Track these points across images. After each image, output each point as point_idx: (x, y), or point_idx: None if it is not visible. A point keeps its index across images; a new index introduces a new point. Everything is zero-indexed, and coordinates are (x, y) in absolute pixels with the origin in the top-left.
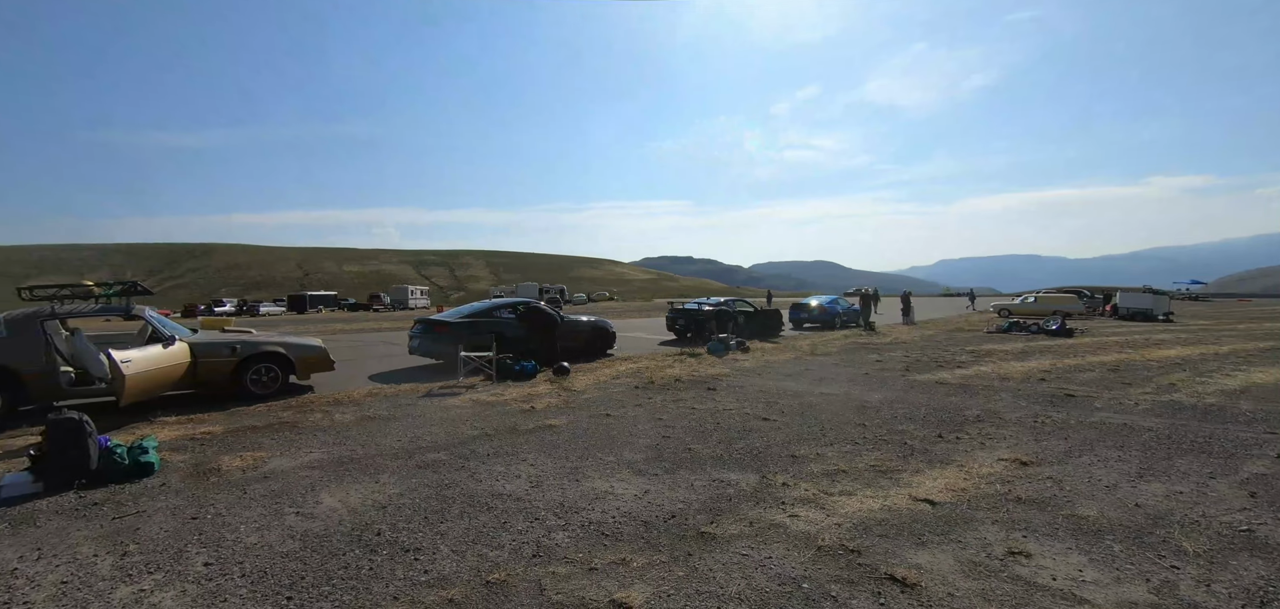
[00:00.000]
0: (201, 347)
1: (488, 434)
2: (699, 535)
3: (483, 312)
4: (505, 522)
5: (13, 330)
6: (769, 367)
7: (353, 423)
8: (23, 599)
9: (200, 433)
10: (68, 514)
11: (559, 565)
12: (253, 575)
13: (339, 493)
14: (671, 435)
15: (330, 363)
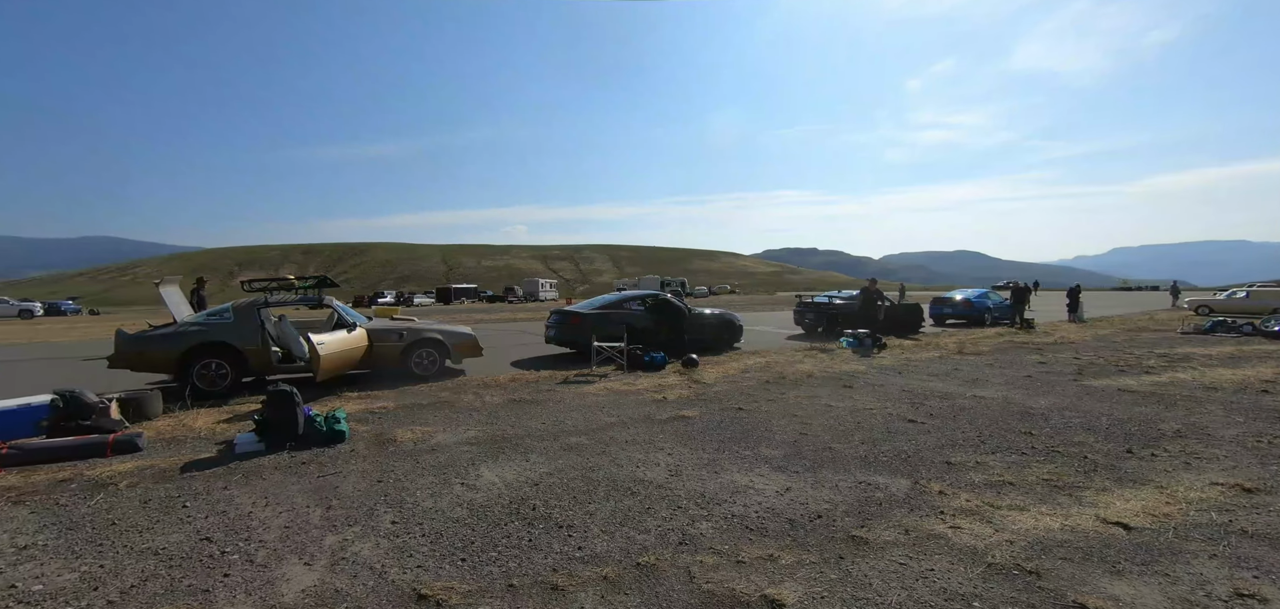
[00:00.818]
0: (376, 333)
1: (624, 422)
2: (850, 539)
3: (613, 304)
4: (649, 508)
5: (238, 317)
6: (911, 365)
7: (501, 405)
8: (259, 537)
9: (376, 407)
10: (284, 469)
11: (706, 555)
12: (432, 536)
13: (496, 468)
14: (809, 433)
15: (479, 349)
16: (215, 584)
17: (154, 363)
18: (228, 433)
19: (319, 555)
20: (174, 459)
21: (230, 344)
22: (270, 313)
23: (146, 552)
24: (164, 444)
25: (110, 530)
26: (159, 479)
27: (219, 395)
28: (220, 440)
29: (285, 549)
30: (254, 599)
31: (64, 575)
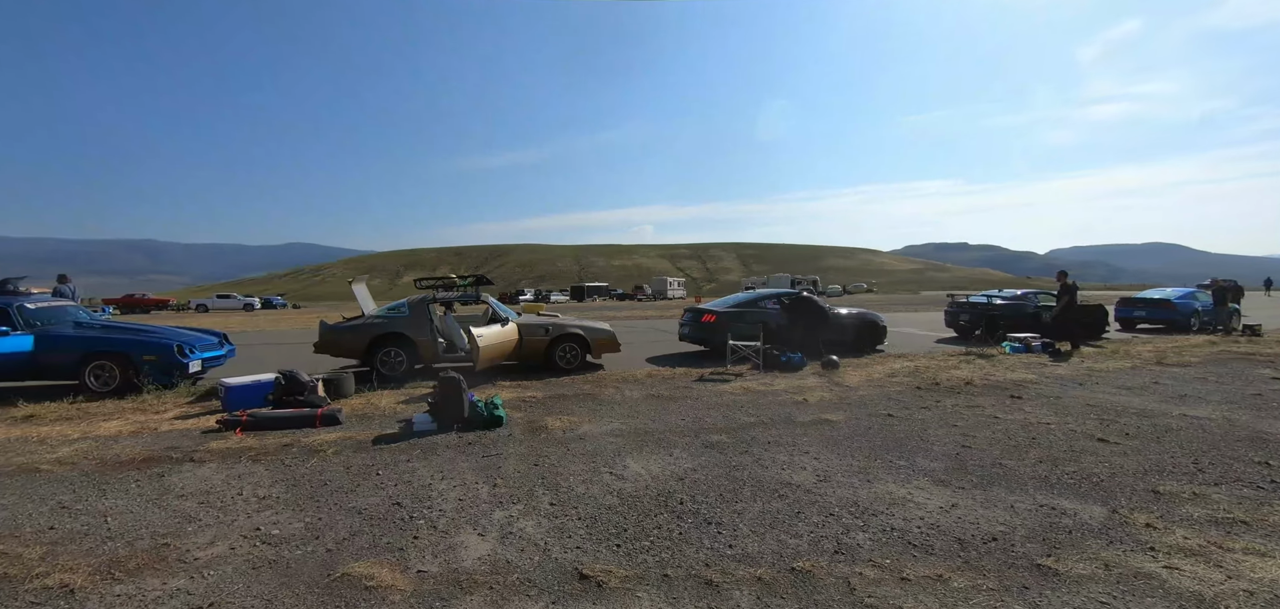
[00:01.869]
0: (525, 327)
1: (764, 422)
2: (1034, 567)
3: (748, 302)
4: (799, 512)
5: (412, 311)
6: (1095, 375)
7: (641, 399)
8: (439, 507)
9: (527, 396)
10: (454, 448)
11: (865, 567)
12: (587, 519)
13: (640, 461)
14: (973, 446)
15: (617, 345)
16: (407, 544)
17: (347, 349)
18: (406, 412)
19: (490, 528)
20: (366, 433)
21: (406, 335)
22: (436, 308)
23: (351, 510)
24: (358, 419)
25: (323, 489)
26: (357, 449)
27: (397, 380)
28: (401, 419)
29: (461, 519)
30: (439, 561)
31: (293, 524)
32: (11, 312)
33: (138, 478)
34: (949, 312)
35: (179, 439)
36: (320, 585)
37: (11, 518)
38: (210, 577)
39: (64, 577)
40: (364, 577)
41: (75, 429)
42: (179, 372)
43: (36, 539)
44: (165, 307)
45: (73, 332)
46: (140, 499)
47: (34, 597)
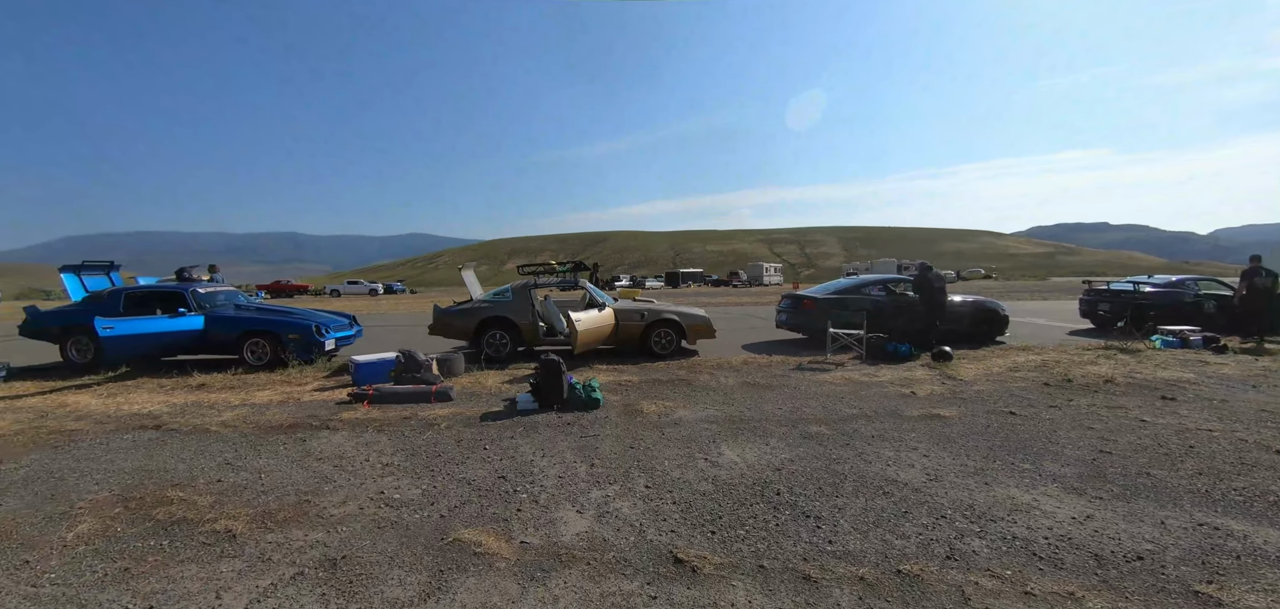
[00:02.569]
0: (621, 312)
1: (867, 415)
2: (1191, 594)
3: (851, 288)
4: (905, 512)
5: (515, 296)
6: (1273, 376)
7: (736, 387)
8: (541, 483)
9: (623, 380)
10: (554, 427)
11: (981, 576)
12: (682, 504)
13: (736, 448)
14: (1113, 452)
15: (713, 331)
16: (511, 515)
17: (457, 332)
18: (510, 392)
19: (588, 506)
20: (474, 409)
21: (510, 319)
22: (537, 293)
23: (462, 481)
24: (467, 396)
25: (437, 460)
26: (466, 424)
27: (501, 361)
28: (505, 398)
29: (561, 496)
30: (541, 534)
31: (412, 490)
32: (187, 295)
33: (285, 441)
34: (1085, 300)
35: (317, 409)
36: (435, 547)
37: (188, 470)
38: (342, 532)
39: (228, 523)
40: (473, 543)
41: (236, 397)
42: (317, 349)
43: (207, 490)
44: (305, 291)
45: (234, 312)
46: (287, 460)
47: (205, 538)
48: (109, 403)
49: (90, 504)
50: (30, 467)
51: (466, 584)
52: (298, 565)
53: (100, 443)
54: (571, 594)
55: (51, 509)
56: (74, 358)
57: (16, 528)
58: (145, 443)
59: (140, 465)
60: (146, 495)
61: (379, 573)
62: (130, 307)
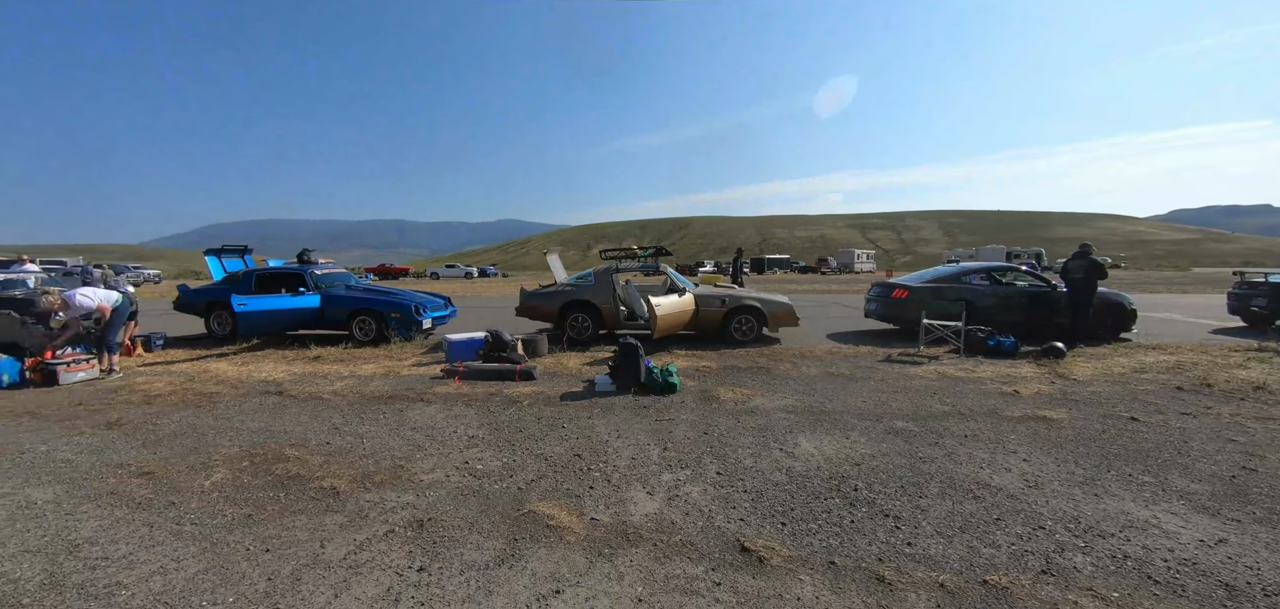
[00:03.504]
0: (701, 298)
1: (961, 413)
2: None
3: (950, 277)
4: (997, 519)
5: (597, 280)
6: None
7: (818, 376)
8: (614, 463)
9: (701, 366)
10: (630, 410)
11: (1083, 596)
12: (753, 493)
13: (814, 440)
14: (1260, 470)
15: (795, 319)
16: (584, 492)
17: (541, 314)
18: (589, 374)
19: (658, 489)
20: (555, 389)
21: (591, 302)
22: (619, 277)
23: (540, 456)
24: (548, 376)
25: (518, 435)
26: (547, 403)
27: (583, 343)
28: (585, 379)
29: (633, 477)
30: (611, 512)
31: (494, 462)
32: (307, 276)
33: (384, 411)
34: (1235, 294)
35: (414, 382)
36: (511, 517)
37: (304, 432)
38: (430, 496)
39: (333, 481)
40: (546, 515)
41: (345, 369)
42: (415, 327)
43: (318, 450)
44: (406, 274)
45: (345, 292)
46: (385, 428)
47: (314, 493)
48: (242, 370)
49: (224, 457)
50: (179, 422)
51: (538, 554)
52: (390, 524)
53: (234, 404)
54: (636, 573)
55: (194, 459)
56: (216, 330)
57: (167, 473)
58: (269, 406)
59: (264, 426)
60: (269, 452)
61: (459, 536)
62: (260, 286)
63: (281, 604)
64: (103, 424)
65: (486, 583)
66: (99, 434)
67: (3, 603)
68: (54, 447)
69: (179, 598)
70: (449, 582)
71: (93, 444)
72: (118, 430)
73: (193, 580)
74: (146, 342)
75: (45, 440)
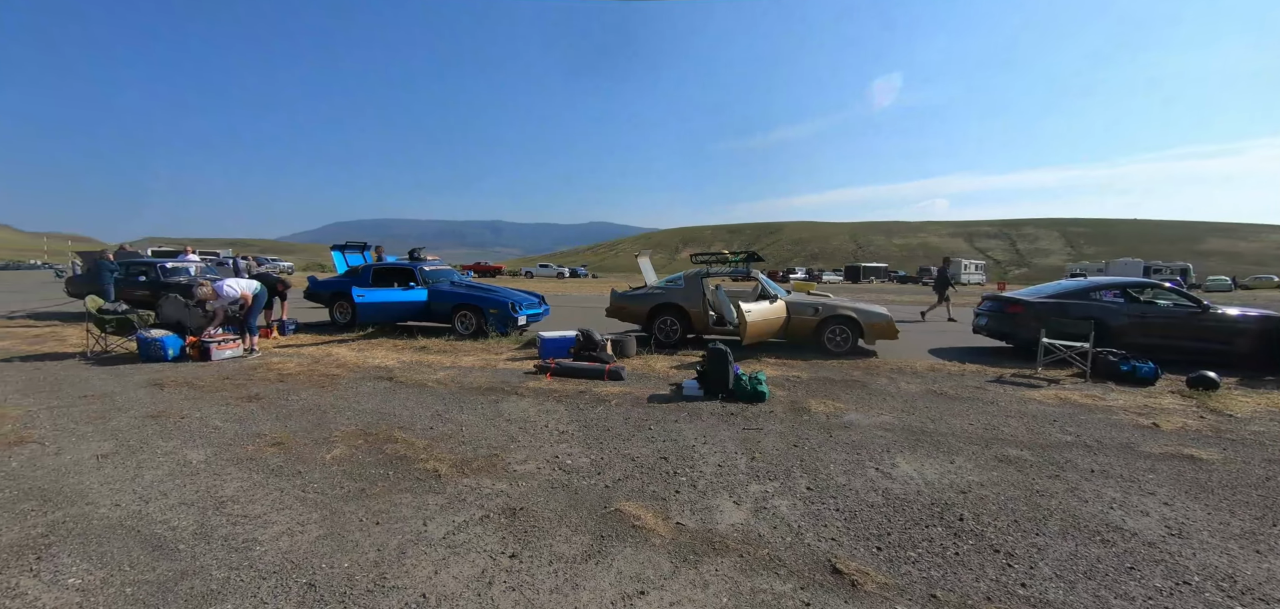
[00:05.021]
0: (793, 306)
1: (1087, 445)
2: None
3: (1075, 292)
4: (1131, 567)
5: (687, 284)
6: None
7: (919, 394)
8: (700, 468)
9: (791, 375)
10: (717, 416)
11: None
12: (845, 512)
13: (913, 462)
14: None
15: (895, 331)
16: (670, 496)
17: (631, 315)
18: (677, 377)
19: (745, 499)
20: (643, 390)
21: (681, 306)
22: (709, 282)
23: (626, 456)
24: (636, 378)
25: (606, 434)
26: (634, 404)
27: (671, 346)
28: (672, 382)
29: (719, 484)
30: (696, 519)
31: (583, 458)
32: (417, 271)
33: (482, 401)
34: None
35: (509, 376)
36: (598, 513)
37: (410, 416)
38: (522, 486)
39: (435, 464)
40: (632, 515)
41: (447, 359)
42: (512, 324)
43: (422, 434)
44: (499, 272)
45: (449, 288)
46: (482, 418)
47: (418, 474)
48: (359, 356)
49: (342, 434)
50: (306, 399)
51: (623, 553)
52: (485, 509)
53: (351, 387)
54: (721, 582)
55: (317, 434)
56: (338, 318)
57: (295, 445)
58: (381, 391)
59: (377, 408)
60: (380, 433)
61: (549, 528)
62: (377, 280)
63: (388, 574)
64: (244, 397)
65: (574, 576)
66: (241, 406)
67: (163, 546)
68: (207, 414)
69: (303, 558)
70: (539, 571)
71: (236, 414)
72: (256, 404)
73: (314, 544)
74: (280, 326)
75: (199, 408)
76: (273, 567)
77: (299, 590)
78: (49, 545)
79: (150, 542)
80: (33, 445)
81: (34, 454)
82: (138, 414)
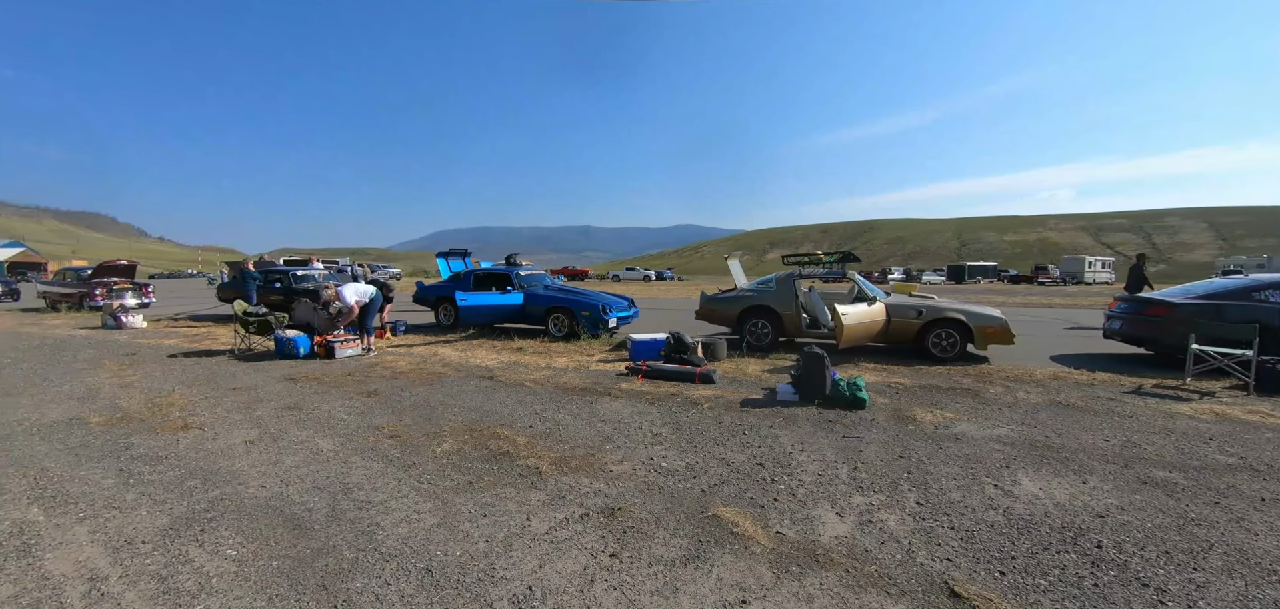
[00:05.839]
0: (894, 308)
1: (1254, 469)
2: None
3: (1232, 292)
4: None
5: (779, 286)
6: None
7: (1041, 406)
8: (798, 477)
9: (893, 382)
10: (814, 422)
11: None
12: (962, 532)
13: (1038, 480)
14: None
15: (1010, 336)
16: (768, 504)
17: (721, 318)
18: (770, 381)
19: (848, 511)
20: (735, 394)
21: (772, 308)
22: (801, 283)
23: (721, 461)
24: (728, 381)
25: (700, 438)
26: (727, 408)
27: (763, 349)
28: (765, 386)
29: (819, 494)
30: (797, 529)
31: (678, 461)
32: (514, 276)
33: (577, 402)
34: None
35: (601, 377)
36: (695, 518)
37: (510, 414)
38: (619, 487)
39: (536, 461)
40: (730, 522)
41: (542, 360)
42: (602, 326)
43: (522, 432)
44: (586, 276)
45: (543, 291)
46: (578, 418)
47: (521, 471)
48: (461, 356)
49: (450, 429)
50: (417, 396)
51: (723, 559)
52: (585, 508)
53: (456, 385)
54: (827, 597)
55: (428, 429)
56: (442, 320)
57: (410, 437)
58: (483, 389)
59: (480, 405)
60: (484, 430)
61: (647, 530)
62: (477, 284)
63: (497, 565)
64: (364, 392)
65: (674, 580)
66: (362, 400)
67: (301, 525)
68: (333, 407)
69: (419, 545)
70: (639, 572)
71: (358, 408)
72: (374, 398)
73: (430, 532)
74: (392, 327)
75: (327, 401)
76: (394, 551)
77: (418, 575)
78: (210, 520)
79: (291, 521)
80: (195, 432)
81: (196, 439)
82: (277, 405)
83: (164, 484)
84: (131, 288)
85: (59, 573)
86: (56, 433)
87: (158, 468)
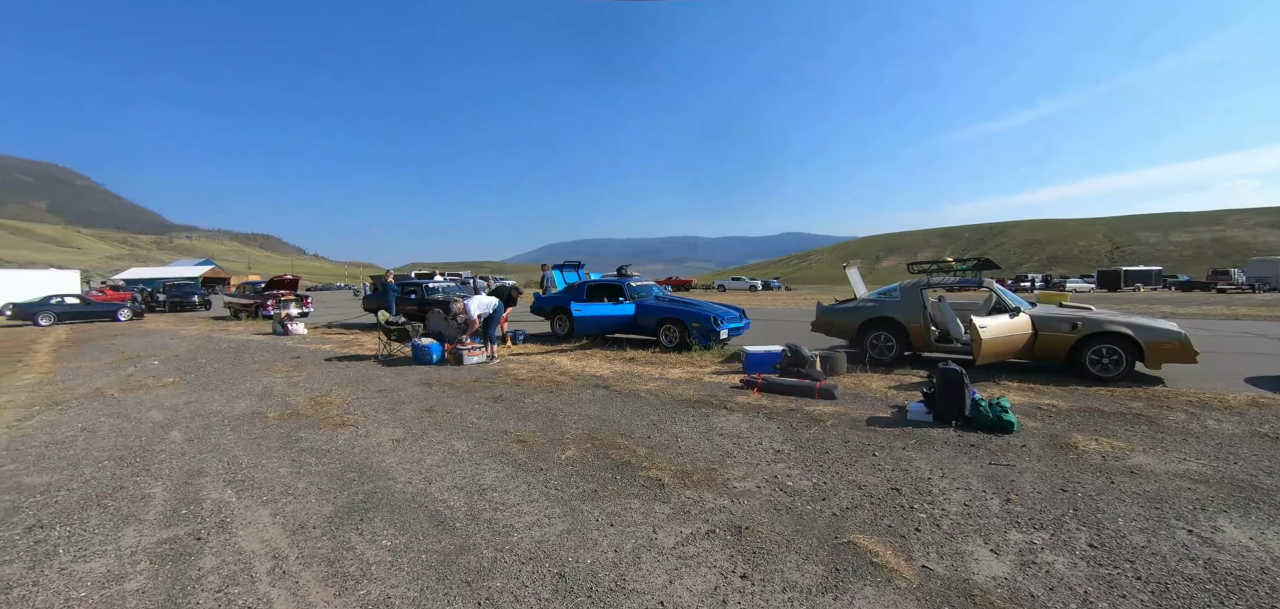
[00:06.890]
0: (1042, 320)
1: None
2: None
3: None
4: None
5: (904, 296)
6: None
7: (1240, 436)
8: (941, 506)
9: (1044, 404)
10: (953, 446)
11: None
12: (1152, 583)
13: (1246, 527)
14: None
15: (1192, 354)
16: (909, 533)
17: (839, 330)
18: (897, 398)
19: (1005, 549)
20: (859, 412)
21: (897, 320)
22: (929, 293)
23: (851, 484)
24: (850, 397)
25: (825, 457)
26: (852, 426)
27: (886, 364)
28: (893, 404)
29: (969, 527)
30: (946, 565)
31: (804, 481)
32: (625, 287)
33: (693, 414)
34: None
35: (715, 389)
36: (829, 543)
37: (628, 424)
38: (744, 504)
39: (658, 473)
40: (869, 551)
41: (655, 370)
42: (714, 337)
43: (640, 442)
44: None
45: (654, 302)
46: (696, 430)
47: (643, 482)
48: (577, 365)
49: (573, 437)
50: (539, 403)
51: (864, 591)
52: (710, 524)
53: (574, 393)
54: None
55: (551, 435)
56: (557, 330)
57: (534, 443)
58: (600, 398)
59: (598, 414)
60: (604, 439)
61: (778, 553)
62: (591, 295)
63: (627, 576)
64: (491, 398)
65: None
66: (489, 405)
67: (444, 522)
68: (464, 411)
69: (552, 549)
70: (773, 597)
71: (486, 412)
72: (500, 404)
73: (560, 538)
74: (513, 336)
75: (459, 405)
76: (529, 554)
77: (552, 580)
78: (367, 510)
79: (434, 516)
80: (350, 428)
81: (351, 435)
82: (416, 407)
83: (328, 474)
84: (295, 299)
85: (249, 549)
86: (242, 424)
87: (322, 460)
